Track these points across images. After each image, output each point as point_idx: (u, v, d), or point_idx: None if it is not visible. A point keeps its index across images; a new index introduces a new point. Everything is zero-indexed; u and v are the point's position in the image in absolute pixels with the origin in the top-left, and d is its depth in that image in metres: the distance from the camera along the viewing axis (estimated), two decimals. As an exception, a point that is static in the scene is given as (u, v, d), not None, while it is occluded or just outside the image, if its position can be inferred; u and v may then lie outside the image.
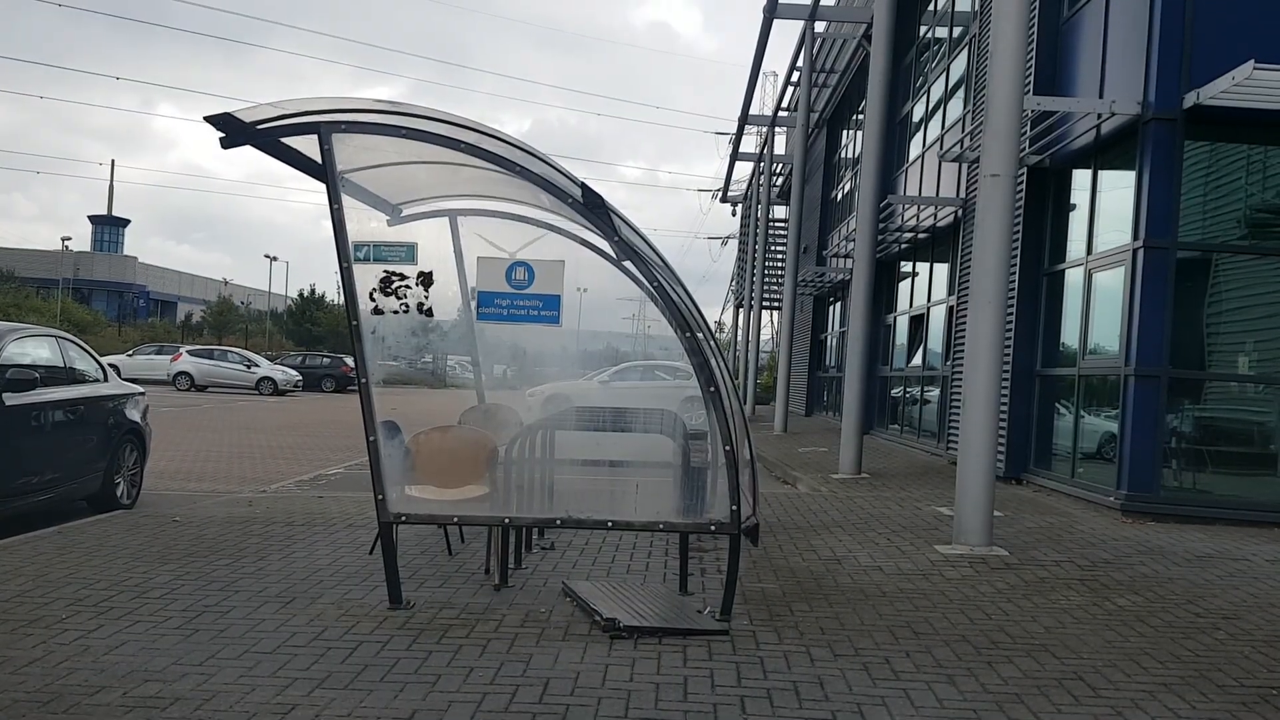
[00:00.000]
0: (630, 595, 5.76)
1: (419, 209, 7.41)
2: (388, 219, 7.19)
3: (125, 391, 9.71)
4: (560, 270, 5.83)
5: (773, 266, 30.86)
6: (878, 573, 6.72)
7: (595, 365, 8.09)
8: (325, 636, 5.06)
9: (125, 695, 4.16)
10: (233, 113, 5.50)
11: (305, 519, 8.49)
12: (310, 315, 73.71)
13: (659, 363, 14.21)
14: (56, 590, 5.76)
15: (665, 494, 6.13)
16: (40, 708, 3.99)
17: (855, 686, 4.44)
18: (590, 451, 6.46)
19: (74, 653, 4.68)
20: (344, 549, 7.22)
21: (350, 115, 5.74)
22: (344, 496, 10.27)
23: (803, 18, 19.65)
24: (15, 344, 8.22)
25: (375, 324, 5.84)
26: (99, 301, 74.40)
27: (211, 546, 7.15)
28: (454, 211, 7.50)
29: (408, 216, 7.33)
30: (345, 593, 5.94)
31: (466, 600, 5.81)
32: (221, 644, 4.89)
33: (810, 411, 27.79)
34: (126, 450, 9.42)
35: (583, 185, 5.60)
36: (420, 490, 6.01)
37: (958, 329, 13.41)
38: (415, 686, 4.36)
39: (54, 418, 8.33)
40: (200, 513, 8.69)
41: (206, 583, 6.07)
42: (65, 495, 8.56)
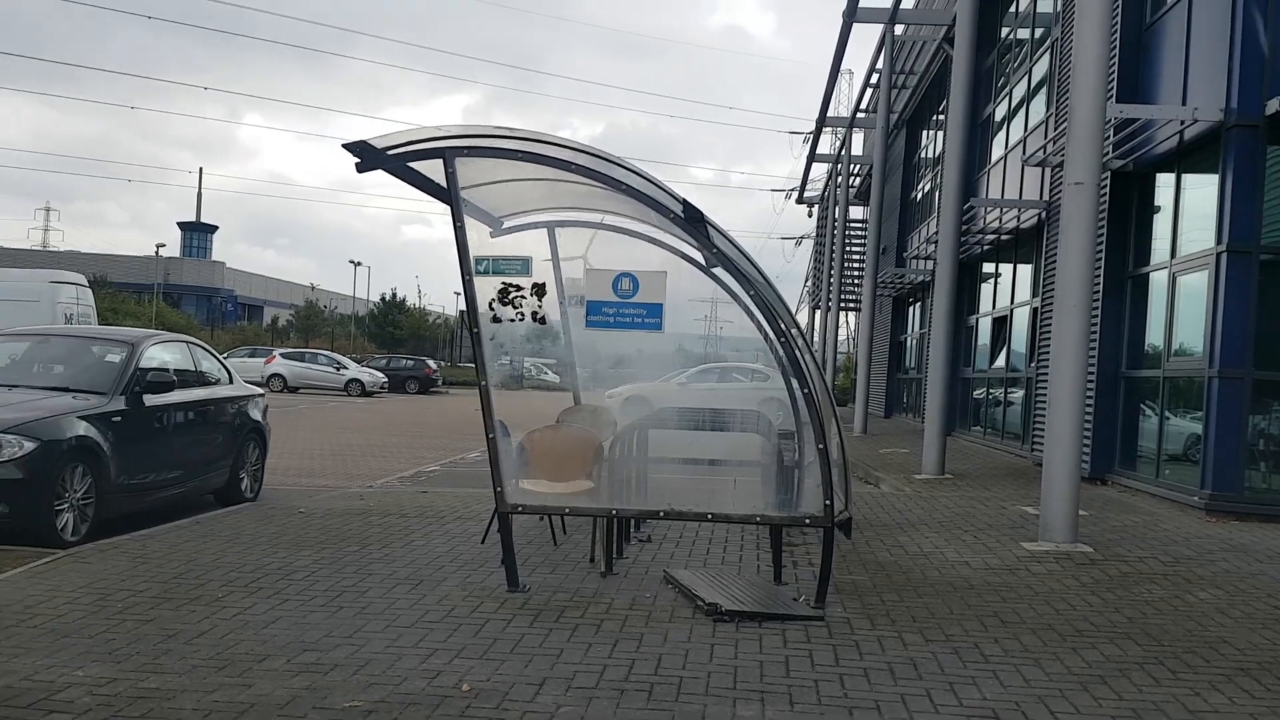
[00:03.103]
0: (728, 583, 6.17)
1: (519, 221, 7.91)
2: (491, 230, 7.71)
3: (247, 393, 10.43)
4: (663, 280, 6.27)
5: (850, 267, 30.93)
6: (965, 567, 7.02)
7: (670, 367, 8.49)
8: (455, 614, 5.57)
9: (289, 662, 4.70)
10: (368, 140, 6.08)
11: (416, 511, 9.06)
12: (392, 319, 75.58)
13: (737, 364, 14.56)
14: (208, 573, 6.38)
15: (760, 489, 6.53)
16: (217, 671, 4.55)
17: (947, 667, 4.79)
18: (685, 449, 6.89)
19: (235, 626, 5.26)
20: (457, 539, 7.75)
21: (471, 140, 6.28)
22: (446, 492, 10.85)
23: (882, 21, 19.82)
24: (152, 349, 8.94)
25: (494, 331, 6.35)
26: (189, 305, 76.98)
27: (338, 535, 7.75)
28: (552, 223, 7.99)
29: (509, 228, 7.83)
30: (466, 577, 6.46)
31: (576, 585, 6.28)
32: (365, 619, 5.43)
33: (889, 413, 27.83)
34: (250, 447, 10.12)
35: (684, 201, 6.03)
36: (533, 484, 6.50)
37: (1042, 331, 13.52)
38: (541, 658, 4.83)
39: (187, 417, 9.04)
40: (321, 505, 9.34)
41: (341, 567, 6.65)
42: (196, 489, 9.28)
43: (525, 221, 7.90)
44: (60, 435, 7.30)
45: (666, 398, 8.04)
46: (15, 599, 5.56)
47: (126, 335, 9.33)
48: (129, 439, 8.01)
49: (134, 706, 4.08)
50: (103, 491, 7.63)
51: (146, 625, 5.20)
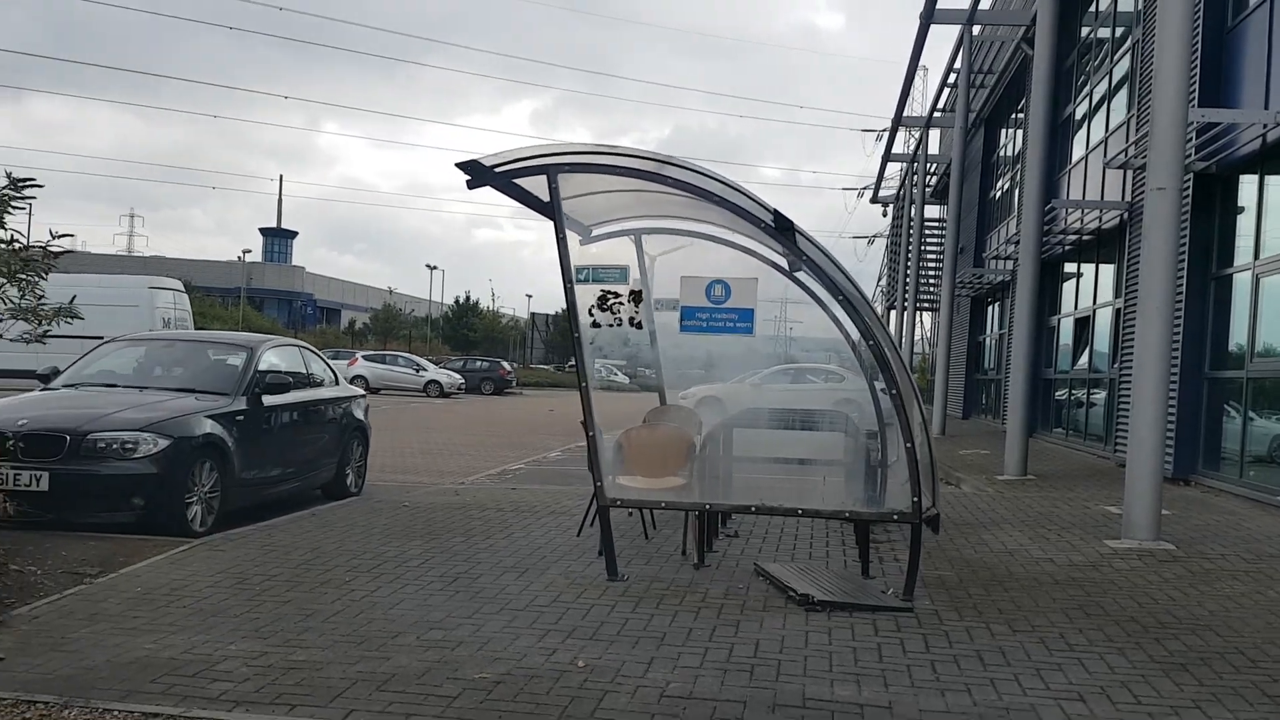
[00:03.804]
0: (818, 576, 6.47)
1: (607, 229, 8.29)
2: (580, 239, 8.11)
3: (351, 394, 11.01)
4: (754, 287, 6.59)
5: (926, 267, 30.80)
6: (1049, 564, 7.21)
7: (742, 369, 8.75)
8: (561, 600, 5.97)
9: (418, 639, 5.14)
10: (478, 159, 6.52)
11: (511, 506, 9.51)
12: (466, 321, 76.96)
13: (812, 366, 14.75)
14: (332, 560, 6.89)
15: (846, 486, 6.81)
16: (356, 646, 5.01)
17: (1033, 655, 5.04)
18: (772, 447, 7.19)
19: (364, 607, 5.73)
20: (554, 531, 8.17)
21: (572, 158, 6.68)
22: (535, 489, 11.31)
23: (960, 22, 19.82)
24: (269, 352, 9.54)
25: (593, 335, 6.75)
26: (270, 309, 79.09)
27: (443, 527, 8.22)
28: (638, 230, 8.36)
29: (597, 236, 8.22)
30: (567, 566, 6.86)
31: (671, 576, 6.64)
32: (480, 603, 5.86)
33: (968, 414, 27.67)
34: (354, 445, 10.69)
35: (774, 211, 6.35)
36: (629, 479, 6.87)
37: (1125, 332, 13.50)
38: (647, 641, 5.20)
39: (299, 417, 9.62)
40: (421, 499, 9.85)
41: (450, 555, 7.10)
42: (307, 484, 9.86)
43: (613, 229, 8.29)
44: (190, 433, 7.89)
45: (740, 399, 8.33)
46: (161, 583, 6.11)
47: (245, 340, 9.96)
48: (249, 437, 8.59)
49: (287, 676, 4.55)
50: (227, 486, 8.21)
51: (284, 606, 5.69)
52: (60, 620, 5.30)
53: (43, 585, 5.90)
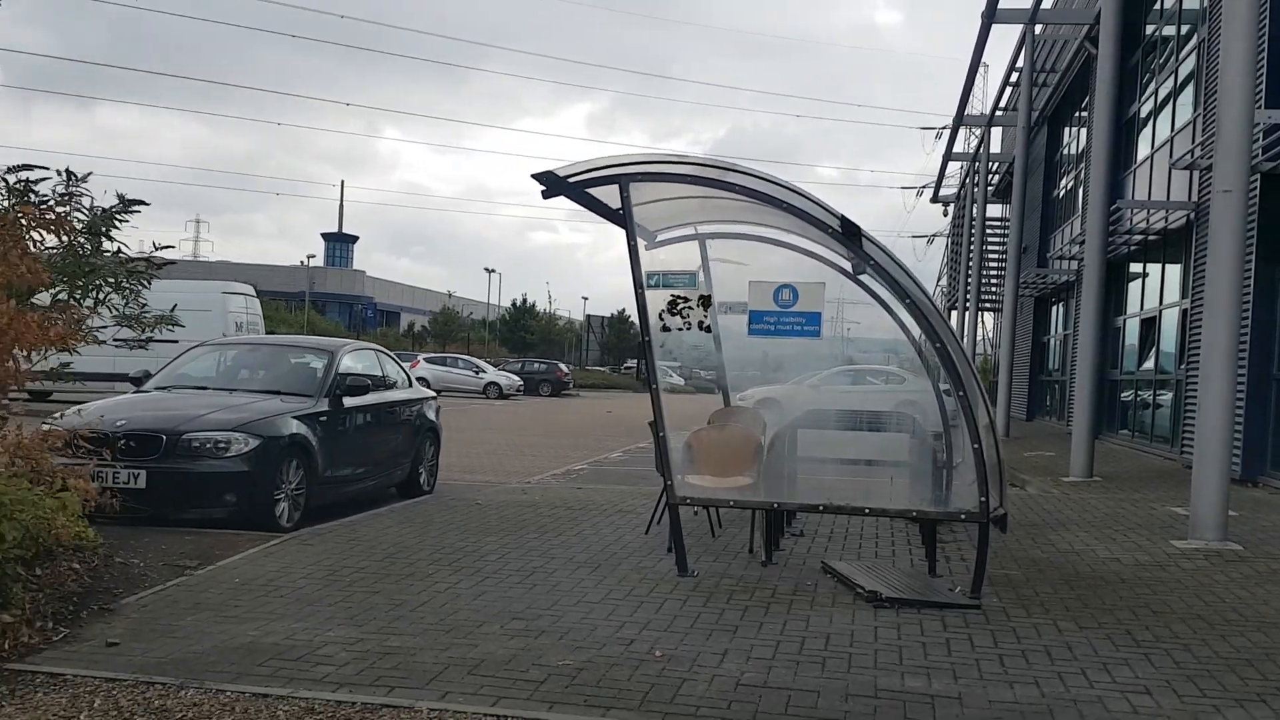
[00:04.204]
0: (885, 573, 6.62)
1: (672, 234, 8.50)
2: (645, 244, 8.34)
3: (424, 395, 11.37)
4: (821, 291, 6.76)
5: (988, 267, 30.52)
6: (1115, 563, 7.27)
7: (798, 370, 8.88)
8: (635, 594, 6.19)
9: (502, 628, 5.41)
10: (554, 171, 6.79)
11: (578, 505, 9.76)
12: (523, 324, 77.72)
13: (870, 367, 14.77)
14: (414, 554, 7.19)
15: (912, 486, 6.94)
16: (445, 634, 5.28)
17: (1100, 651, 5.15)
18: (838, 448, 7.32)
19: (449, 598, 6.01)
20: (622, 529, 8.40)
21: (644, 167, 6.92)
22: (600, 488, 11.57)
23: (1022, 22, 19.70)
24: (347, 356, 9.91)
25: (663, 339, 6.97)
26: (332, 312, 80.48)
27: (515, 524, 8.50)
28: (703, 235, 8.56)
29: (662, 241, 8.43)
30: (638, 562, 7.09)
31: (740, 573, 6.83)
32: (558, 595, 6.11)
33: (1031, 416, 27.39)
34: (426, 445, 11.03)
35: (841, 217, 6.52)
36: (698, 479, 7.07)
37: (1192, 333, 13.37)
38: (720, 633, 5.40)
39: (377, 417, 9.98)
40: (492, 498, 10.15)
41: (526, 550, 7.37)
42: (383, 482, 10.22)
43: (678, 234, 8.50)
44: (278, 433, 8.27)
45: (798, 400, 8.47)
46: (258, 574, 6.46)
47: (325, 344, 10.36)
48: (331, 437, 8.96)
49: (384, 660, 4.84)
50: (311, 483, 8.58)
51: (374, 596, 6.00)
52: (166, 609, 5.65)
53: (146, 577, 6.27)
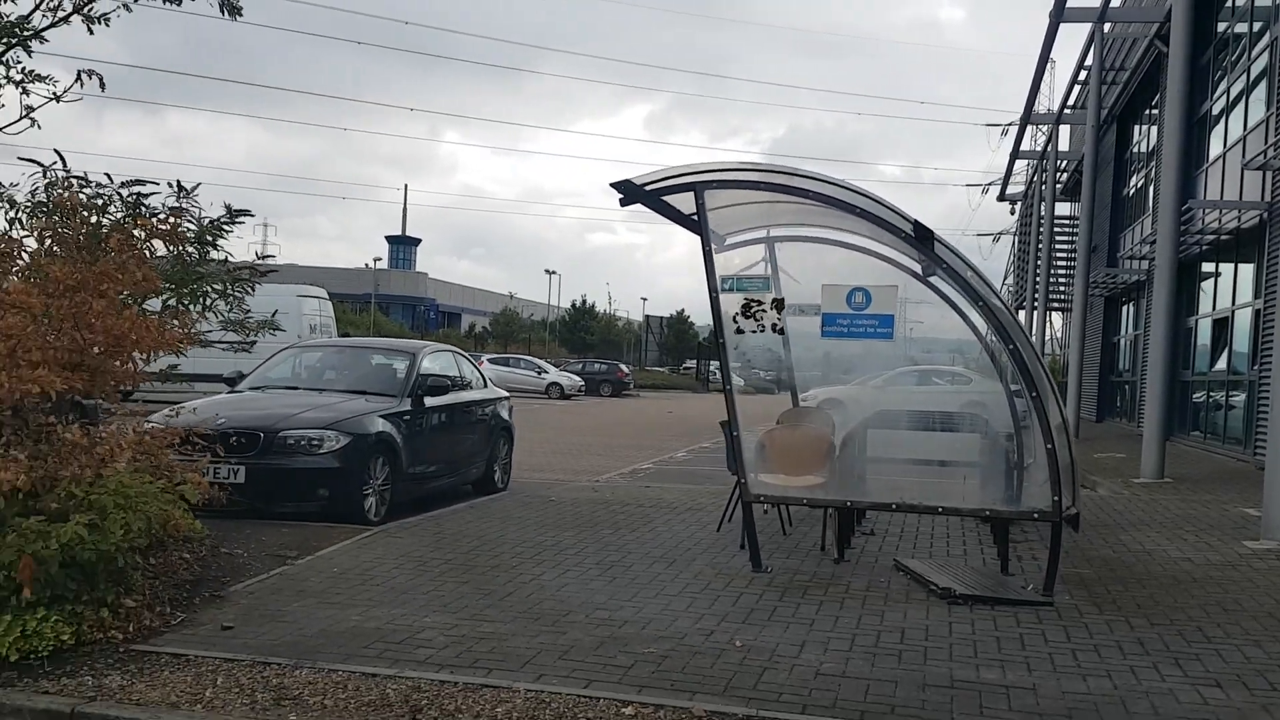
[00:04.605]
0: (957, 571, 6.75)
1: (741, 237, 8.70)
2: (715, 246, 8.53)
3: (498, 395, 11.70)
4: (894, 294, 6.91)
5: (1057, 266, 30.15)
6: (1187, 563, 7.31)
7: (862, 370, 8.98)
8: (711, 588, 6.41)
9: (586, 617, 5.66)
10: (631, 180, 7.04)
11: (648, 502, 10.00)
12: (583, 324, 78.28)
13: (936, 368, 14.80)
14: (497, 547, 7.49)
15: (984, 486, 7.06)
16: (533, 621, 5.56)
17: (1171, 646, 5.25)
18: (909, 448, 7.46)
19: (534, 589, 6.28)
20: (693, 526, 8.62)
21: (718, 175, 7.15)
22: (667, 486, 11.79)
23: (1091, 20, 19.50)
24: (428, 357, 10.27)
25: (737, 341, 7.18)
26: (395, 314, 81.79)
27: (589, 520, 8.77)
28: (771, 239, 8.75)
29: (731, 244, 8.64)
30: (712, 558, 7.30)
31: (813, 569, 7.01)
32: (637, 588, 6.35)
33: (1101, 417, 27.01)
34: (501, 443, 11.36)
35: (914, 222, 6.66)
36: (771, 477, 7.27)
37: (1265, 333, 13.20)
38: (796, 626, 5.60)
39: (455, 416, 10.32)
40: (564, 495, 10.44)
41: (602, 545, 7.63)
42: (460, 479, 10.56)
43: (747, 238, 8.69)
44: (366, 431, 8.63)
45: (862, 401, 8.59)
46: (354, 564, 6.80)
47: (407, 345, 10.75)
48: (414, 435, 9.31)
49: (480, 644, 5.12)
50: (396, 479, 8.93)
51: (464, 586, 6.30)
52: (272, 596, 6.00)
53: (250, 566, 6.65)
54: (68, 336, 5.22)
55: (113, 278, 5.38)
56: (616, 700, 4.43)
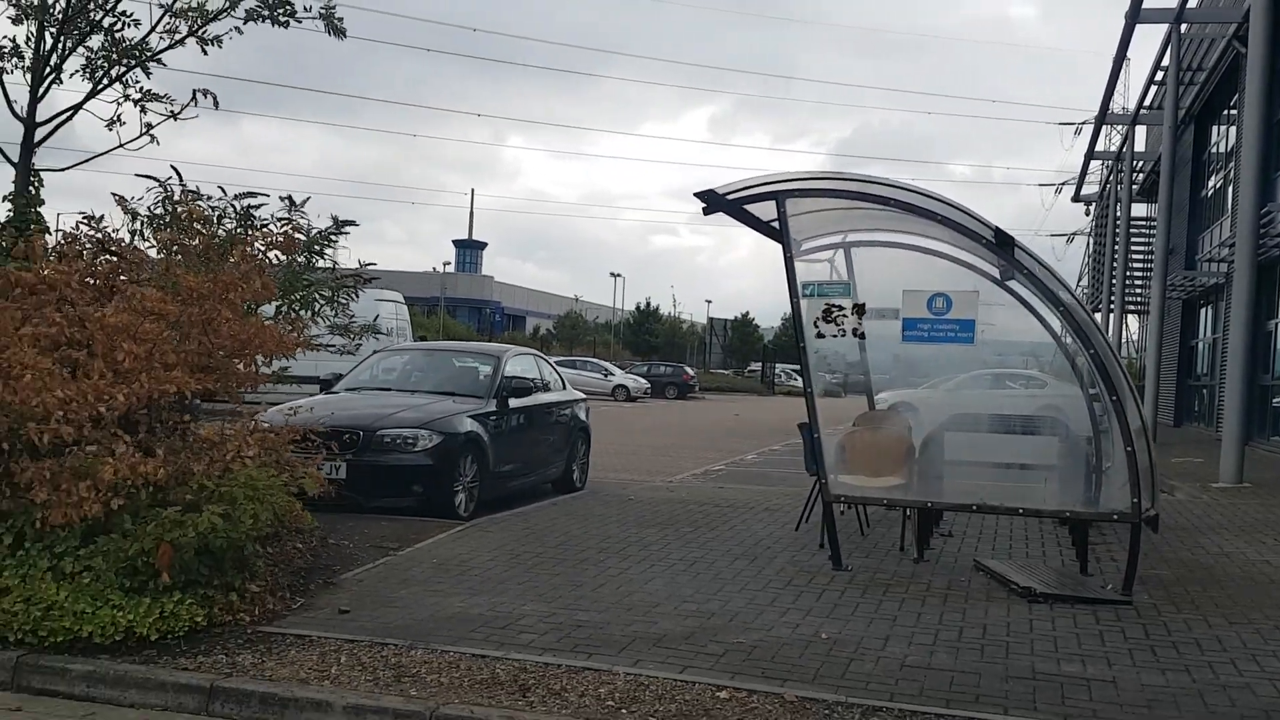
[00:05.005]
0: (1037, 571, 6.88)
1: (816, 243, 8.88)
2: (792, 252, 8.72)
3: (576, 397, 12.04)
4: (974, 299, 7.06)
5: (1133, 268, 29.66)
6: (1265, 565, 7.34)
7: (931, 373, 9.05)
8: (794, 584, 6.63)
9: (675, 609, 5.93)
10: (714, 189, 7.31)
11: (725, 502, 10.23)
12: (647, 327, 78.59)
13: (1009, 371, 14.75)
14: (583, 542, 7.80)
15: (1062, 488, 7.17)
16: (625, 612, 5.83)
17: (1249, 644, 5.36)
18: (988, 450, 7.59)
19: (622, 582, 6.57)
20: (772, 525, 8.83)
21: (799, 183, 7.37)
22: (742, 488, 12.01)
23: (1167, 21, 19.25)
24: (511, 360, 10.64)
25: (818, 346, 7.38)
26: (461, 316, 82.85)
27: (668, 518, 9.04)
28: (847, 244, 8.92)
29: (807, 249, 8.82)
30: (792, 556, 7.52)
31: (893, 569, 7.19)
32: (720, 583, 6.60)
33: (1179, 422, 26.54)
34: (579, 443, 11.69)
35: (995, 228, 6.82)
36: (852, 478, 7.46)
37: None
38: (880, 621, 5.80)
39: (537, 417, 10.67)
40: (642, 494, 10.73)
41: (685, 542, 7.89)
42: (541, 478, 10.90)
43: (823, 243, 8.87)
44: (456, 430, 9.02)
45: (934, 404, 8.70)
46: (451, 556, 7.16)
47: (492, 349, 11.14)
48: (499, 435, 9.67)
49: (578, 631, 5.42)
50: (484, 477, 9.30)
51: (556, 578, 6.61)
52: (380, 583, 6.37)
53: (357, 556, 7.04)
54: (198, 341, 5.64)
55: (237, 287, 5.80)
56: (711, 685, 4.68)
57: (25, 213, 7.24)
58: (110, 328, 5.31)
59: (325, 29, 7.62)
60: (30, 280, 6.02)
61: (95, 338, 5.54)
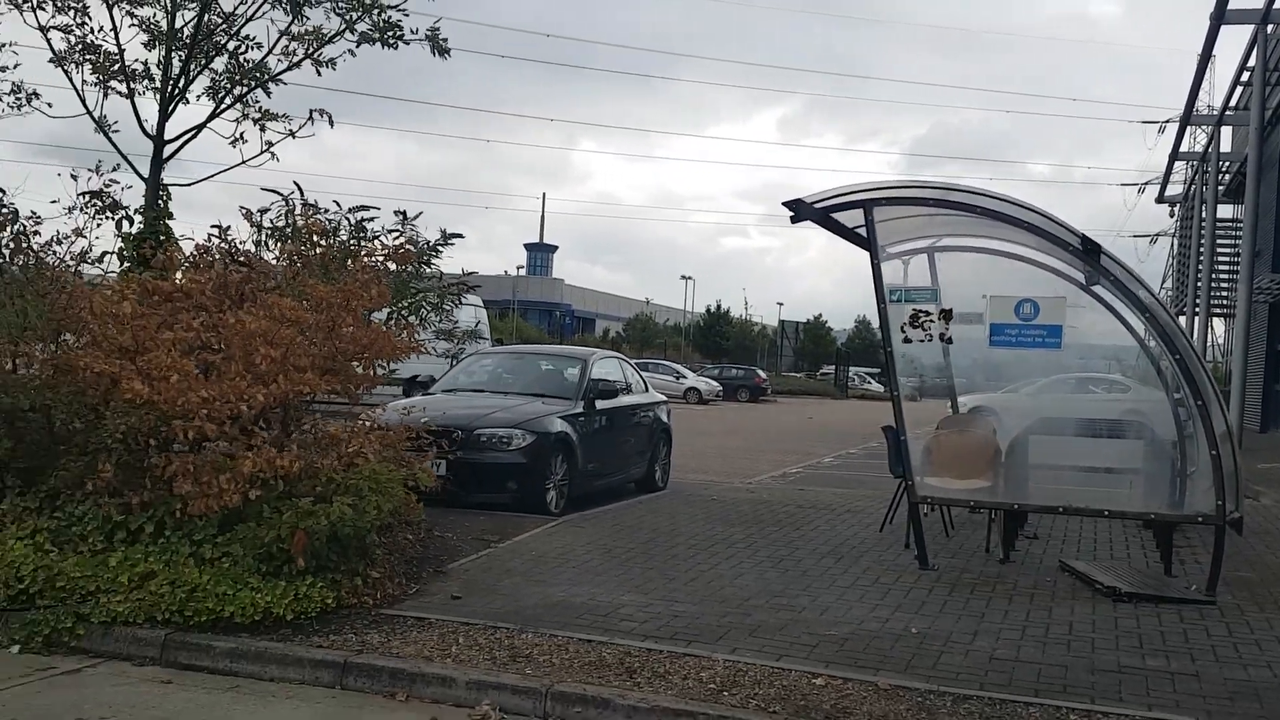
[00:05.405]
0: (1121, 572, 7.00)
1: (901, 248, 9.03)
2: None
3: (659, 399, 12.36)
4: (1062, 305, 7.21)
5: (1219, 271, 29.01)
6: (1357, 571, 7.35)
7: (1013, 377, 9.10)
8: (881, 582, 6.86)
9: (767, 602, 6.20)
10: (802, 198, 7.56)
11: (807, 504, 10.45)
12: (718, 329, 78.65)
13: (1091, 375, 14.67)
14: (671, 538, 8.10)
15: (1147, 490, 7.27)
16: (719, 604, 6.11)
17: (1338, 645, 5.45)
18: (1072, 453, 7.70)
19: (713, 577, 6.86)
20: (855, 526, 9.04)
21: (887, 192, 7.61)
22: (822, 490, 12.20)
23: (1254, 22, 18.88)
24: (598, 363, 11.00)
25: (906, 350, 7.59)
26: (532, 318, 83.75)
27: (752, 517, 9.29)
28: (931, 249, 9.07)
29: (891, 255, 9.00)
30: (879, 556, 7.73)
31: (979, 569, 7.36)
32: (809, 580, 6.85)
33: (1265, 428, 25.92)
34: (661, 444, 12.00)
35: (1082, 236, 6.96)
36: (938, 480, 7.64)
37: None
38: (967, 618, 6.00)
39: (622, 419, 11.00)
40: (722, 495, 10.99)
41: (770, 540, 8.15)
42: (625, 477, 11.23)
43: (907, 248, 9.02)
44: (548, 430, 9.39)
45: (1014, 408, 8.78)
46: (548, 549, 7.52)
47: (579, 352, 11.52)
48: (587, 435, 10.02)
49: (676, 621, 5.72)
50: (573, 475, 9.66)
51: (649, 571, 6.93)
52: (484, 573, 6.75)
53: (460, 548, 7.44)
54: (325, 345, 6.09)
55: (358, 295, 6.23)
56: (807, 672, 4.95)
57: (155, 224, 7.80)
58: (248, 333, 5.77)
59: (430, 50, 8.05)
60: (167, 288, 6.55)
61: (231, 342, 6.01)
